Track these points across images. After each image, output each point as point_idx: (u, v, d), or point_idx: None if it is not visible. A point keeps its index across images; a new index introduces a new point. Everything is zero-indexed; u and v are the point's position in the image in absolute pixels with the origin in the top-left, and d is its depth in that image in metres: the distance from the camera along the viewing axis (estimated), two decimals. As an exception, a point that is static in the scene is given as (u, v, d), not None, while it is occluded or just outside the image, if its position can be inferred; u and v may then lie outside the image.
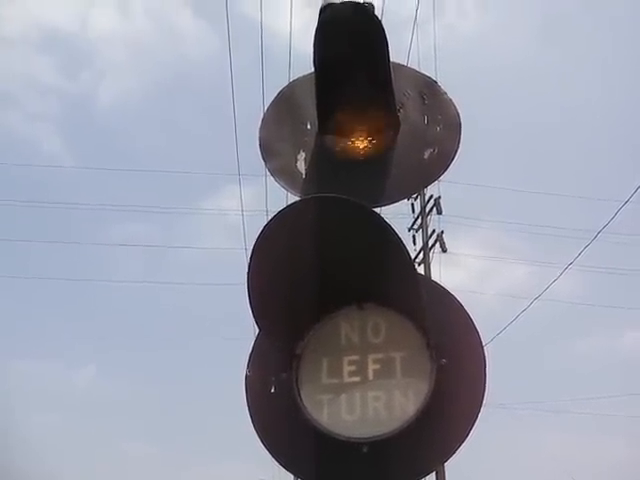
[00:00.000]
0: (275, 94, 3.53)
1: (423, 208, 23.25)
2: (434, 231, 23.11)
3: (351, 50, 3.07)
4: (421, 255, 22.74)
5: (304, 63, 3.36)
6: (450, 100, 3.34)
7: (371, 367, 2.88)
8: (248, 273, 2.69)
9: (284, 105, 3.47)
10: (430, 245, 22.92)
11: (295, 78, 3.56)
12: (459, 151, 3.24)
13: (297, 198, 3.18)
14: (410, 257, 2.86)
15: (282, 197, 3.82)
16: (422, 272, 20.52)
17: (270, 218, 2.68)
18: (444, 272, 22.78)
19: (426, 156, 3.23)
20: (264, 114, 3.48)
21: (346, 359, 2.91)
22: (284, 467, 2.96)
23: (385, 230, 2.68)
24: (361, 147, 3.30)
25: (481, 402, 2.80)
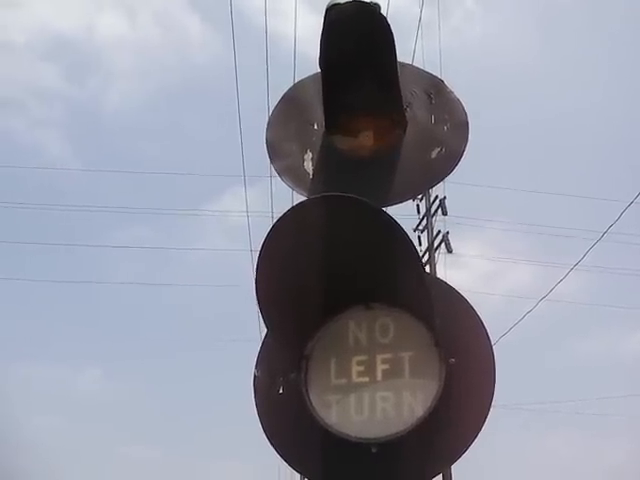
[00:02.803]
0: (280, 95, 3.53)
1: (428, 209, 23.19)
2: (439, 232, 23.09)
3: (357, 49, 3.06)
4: (426, 256, 22.67)
5: (310, 66, 3.36)
6: (457, 99, 3.32)
7: (380, 367, 2.87)
8: (256, 273, 2.68)
9: (291, 105, 3.47)
10: (435, 246, 22.88)
11: (301, 79, 3.56)
12: (467, 150, 3.23)
13: (304, 198, 3.17)
14: (419, 256, 2.85)
15: (287, 198, 3.81)
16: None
17: (278, 217, 2.68)
18: (449, 273, 22.76)
19: (433, 155, 3.22)
20: (271, 114, 3.47)
21: (355, 359, 2.89)
22: (292, 467, 2.95)
23: (393, 229, 2.66)
24: (368, 146, 3.29)
25: (490, 402, 2.78)
